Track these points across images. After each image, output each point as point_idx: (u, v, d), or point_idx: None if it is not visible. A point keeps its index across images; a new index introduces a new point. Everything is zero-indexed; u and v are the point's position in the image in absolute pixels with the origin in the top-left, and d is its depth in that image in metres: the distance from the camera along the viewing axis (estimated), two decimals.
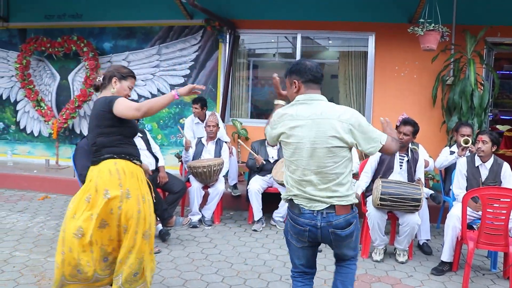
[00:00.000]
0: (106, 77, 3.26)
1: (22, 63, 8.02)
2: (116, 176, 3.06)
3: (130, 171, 3.13)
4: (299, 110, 2.61)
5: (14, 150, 8.50)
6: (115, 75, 3.24)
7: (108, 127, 3.11)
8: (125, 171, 3.10)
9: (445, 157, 5.31)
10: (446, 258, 4.25)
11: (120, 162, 3.11)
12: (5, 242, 4.74)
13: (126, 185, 3.07)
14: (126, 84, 3.28)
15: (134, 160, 3.19)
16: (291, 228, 2.76)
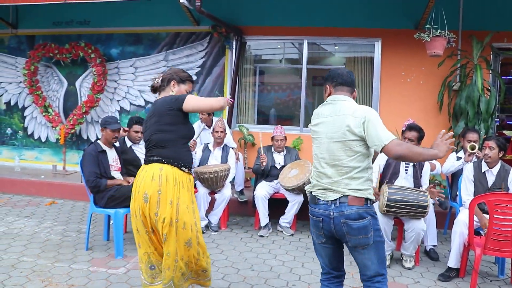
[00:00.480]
0: (165, 80, 3.28)
1: (30, 69, 8.09)
2: (158, 181, 3.08)
3: (174, 178, 3.12)
4: (324, 109, 2.88)
5: (21, 156, 8.56)
6: (174, 78, 3.27)
7: (168, 124, 3.13)
8: (167, 178, 3.10)
9: (451, 163, 5.30)
10: (453, 264, 4.23)
11: (166, 168, 3.12)
12: (13, 247, 4.77)
13: (167, 192, 3.08)
14: (184, 87, 3.31)
15: (182, 167, 3.19)
16: (310, 223, 2.90)
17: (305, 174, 5.39)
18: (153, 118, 3.18)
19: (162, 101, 3.17)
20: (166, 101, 3.15)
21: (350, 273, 4.31)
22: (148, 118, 3.24)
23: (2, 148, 8.81)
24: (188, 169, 3.25)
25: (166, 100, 3.16)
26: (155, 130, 3.15)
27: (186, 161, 3.22)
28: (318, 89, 8.77)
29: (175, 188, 3.11)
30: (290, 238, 5.44)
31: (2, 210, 6.27)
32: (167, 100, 3.15)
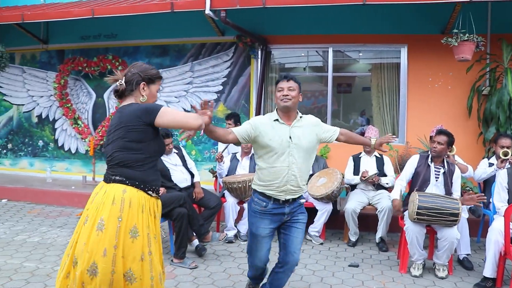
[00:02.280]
0: (131, 82, 2.72)
1: (60, 83, 8.30)
2: (119, 206, 2.57)
3: (140, 203, 2.64)
4: None
5: (53, 167, 8.76)
6: (143, 79, 2.74)
7: (135, 142, 2.63)
8: (131, 203, 2.60)
9: (483, 170, 5.20)
10: (489, 274, 4.12)
11: (131, 190, 2.63)
12: (47, 256, 4.87)
13: (130, 220, 2.58)
14: (155, 88, 2.81)
15: (148, 191, 2.69)
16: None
17: (333, 182, 5.36)
18: (118, 131, 2.65)
19: (130, 111, 2.64)
20: (135, 112, 2.61)
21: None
22: (112, 129, 2.70)
23: (34, 160, 9.03)
24: (156, 193, 2.75)
25: (135, 111, 2.62)
26: (120, 147, 2.64)
27: (153, 183, 2.72)
28: (343, 96, 8.75)
29: (142, 215, 2.63)
30: (319, 247, 5.41)
31: (36, 220, 6.41)
32: (136, 111, 2.62)
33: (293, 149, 3.24)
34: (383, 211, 5.21)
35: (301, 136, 3.29)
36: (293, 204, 3.35)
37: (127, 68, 2.78)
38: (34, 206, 7.28)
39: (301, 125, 3.35)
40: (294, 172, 3.25)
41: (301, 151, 3.27)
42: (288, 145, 3.24)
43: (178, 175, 5.38)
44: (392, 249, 5.30)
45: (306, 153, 3.30)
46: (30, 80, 8.95)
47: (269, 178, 3.28)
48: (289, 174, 3.24)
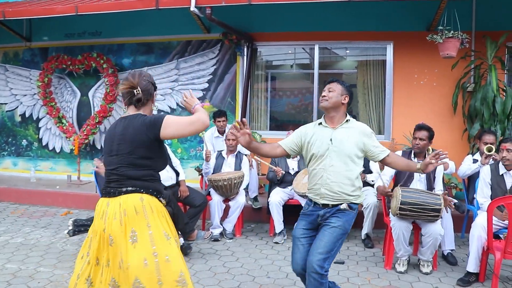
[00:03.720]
0: (148, 91, 2.69)
1: (44, 81, 8.19)
2: (143, 214, 2.54)
3: (158, 209, 2.62)
4: None
5: (37, 167, 8.65)
6: (155, 89, 2.78)
7: (144, 159, 2.58)
8: (152, 209, 2.58)
9: (468, 166, 5.23)
10: (473, 269, 4.14)
11: (147, 197, 2.59)
12: (30, 257, 4.80)
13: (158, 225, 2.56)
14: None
15: (160, 198, 2.68)
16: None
17: None
18: (124, 144, 2.58)
19: (137, 126, 2.56)
20: (142, 127, 2.55)
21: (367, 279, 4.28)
22: (116, 139, 2.63)
23: (17, 159, 8.91)
24: (164, 200, 2.74)
25: (141, 126, 2.55)
26: (128, 164, 2.57)
27: (163, 193, 2.73)
28: None
29: (163, 220, 2.63)
30: None
31: (19, 221, 6.33)
32: (141, 125, 2.55)
33: (332, 152, 3.16)
34: (368, 207, 5.22)
35: (343, 140, 3.17)
36: (331, 209, 3.16)
37: (136, 76, 2.69)
38: (18, 207, 7.19)
39: (346, 129, 3.24)
40: (329, 176, 3.14)
41: (342, 155, 3.15)
42: (327, 148, 3.17)
43: (163, 173, 5.29)
44: (378, 245, 5.30)
45: (347, 158, 3.15)
46: (13, 79, 8.83)
47: (310, 181, 3.26)
48: (324, 178, 3.16)
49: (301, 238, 3.22)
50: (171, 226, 2.68)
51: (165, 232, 2.56)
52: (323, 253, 3.03)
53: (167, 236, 2.56)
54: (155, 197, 2.63)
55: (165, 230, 2.58)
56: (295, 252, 3.24)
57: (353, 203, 3.19)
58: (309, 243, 3.18)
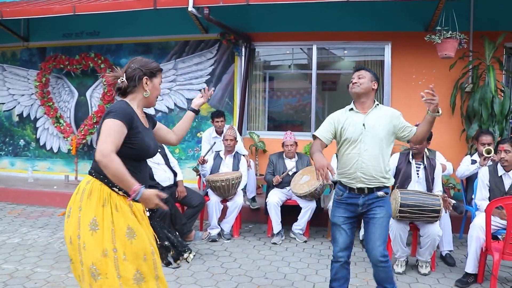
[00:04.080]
0: (133, 77, 2.59)
1: (42, 81, 8.17)
2: (80, 196, 2.47)
3: (101, 197, 2.45)
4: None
5: (34, 167, 8.62)
6: (145, 74, 2.61)
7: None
8: (90, 194, 2.45)
9: (466, 167, 5.22)
10: (471, 270, 4.14)
11: (94, 182, 2.48)
12: (27, 258, 4.78)
13: (88, 211, 2.42)
14: (157, 81, 2.70)
15: (114, 187, 2.46)
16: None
17: (316, 180, 5.34)
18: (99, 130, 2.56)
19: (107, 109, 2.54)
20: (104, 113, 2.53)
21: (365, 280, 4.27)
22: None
23: (15, 159, 8.89)
24: (124, 193, 2.48)
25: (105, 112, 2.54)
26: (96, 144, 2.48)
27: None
28: (328, 94, 8.74)
29: (105, 209, 2.44)
30: (303, 245, 5.39)
31: (17, 221, 6.30)
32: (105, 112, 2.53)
33: (366, 136, 3.27)
34: None
35: (376, 124, 3.28)
36: (368, 195, 3.30)
37: (126, 65, 2.67)
38: (15, 207, 7.17)
39: (377, 113, 3.35)
40: (364, 159, 3.26)
41: (376, 138, 3.27)
42: (361, 132, 3.28)
43: (160, 173, 5.33)
44: None
45: (381, 141, 3.28)
46: (10, 79, 8.80)
47: (343, 165, 3.37)
48: (359, 162, 3.27)
49: (343, 225, 3.37)
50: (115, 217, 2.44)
51: (94, 221, 2.41)
52: (381, 244, 3.25)
53: (95, 226, 2.40)
54: (106, 185, 2.46)
55: (98, 219, 2.41)
56: (337, 238, 3.40)
57: (386, 187, 3.33)
58: (350, 229, 3.38)
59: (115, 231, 2.42)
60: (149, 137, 2.64)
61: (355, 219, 3.40)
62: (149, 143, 2.62)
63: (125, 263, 2.42)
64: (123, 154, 2.43)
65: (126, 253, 2.42)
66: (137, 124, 2.54)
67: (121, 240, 2.42)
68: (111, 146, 2.36)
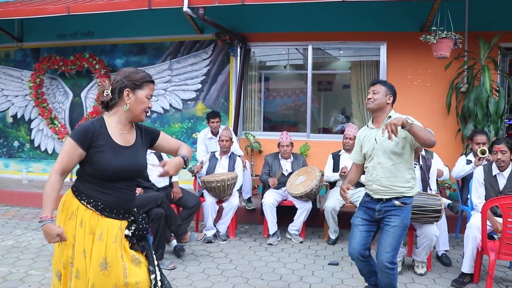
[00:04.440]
0: (115, 90, 2.45)
1: (36, 82, 8.12)
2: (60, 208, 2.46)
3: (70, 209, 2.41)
4: None
5: (28, 168, 8.57)
6: (126, 86, 2.44)
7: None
8: (62, 205, 2.44)
9: (461, 167, 5.22)
10: (467, 270, 4.14)
11: (68, 194, 2.47)
12: (21, 260, 4.74)
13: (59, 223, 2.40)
14: (143, 93, 2.47)
15: (82, 201, 2.40)
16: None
17: (312, 180, 5.33)
18: None
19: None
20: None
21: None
22: None
23: (9, 161, 8.83)
24: (93, 207, 2.40)
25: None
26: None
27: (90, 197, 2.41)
28: (323, 94, 8.74)
29: (69, 222, 2.39)
30: (299, 245, 5.38)
31: (11, 223, 6.26)
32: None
33: (378, 150, 3.38)
34: None
35: (385, 137, 3.21)
36: (386, 203, 3.38)
37: (114, 76, 2.54)
38: (9, 208, 7.12)
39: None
40: (379, 172, 3.37)
41: (385, 152, 3.35)
42: (373, 147, 3.41)
43: (156, 175, 5.29)
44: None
45: (392, 154, 3.34)
46: (4, 79, 8.75)
47: (366, 177, 3.53)
48: (374, 175, 3.40)
49: (359, 226, 3.51)
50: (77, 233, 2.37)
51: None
52: (390, 251, 3.33)
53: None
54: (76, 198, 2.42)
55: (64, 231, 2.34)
56: (353, 238, 3.54)
57: (407, 197, 3.36)
58: (366, 231, 3.50)
59: (76, 248, 2.36)
60: (124, 155, 2.45)
61: (372, 223, 3.49)
62: (120, 162, 2.42)
63: (77, 280, 2.36)
64: (87, 172, 2.42)
65: (80, 271, 2.36)
66: (100, 143, 2.39)
67: (78, 257, 2.37)
68: (57, 165, 2.37)
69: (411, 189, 3.39)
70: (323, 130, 8.20)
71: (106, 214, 2.43)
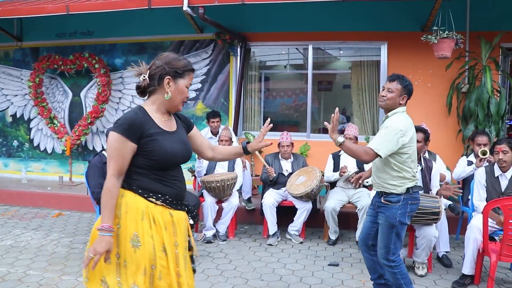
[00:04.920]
0: (154, 76, 2.32)
1: (35, 81, 8.09)
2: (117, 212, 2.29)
3: (139, 209, 2.28)
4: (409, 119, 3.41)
5: (28, 168, 8.55)
6: (167, 73, 2.32)
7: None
8: (127, 209, 2.27)
9: (462, 168, 5.20)
10: (468, 271, 4.11)
11: (128, 194, 2.30)
12: (20, 260, 4.72)
13: (129, 227, 2.26)
14: (184, 83, 2.36)
15: (150, 198, 2.30)
16: (411, 209, 3.41)
17: (312, 181, 5.31)
18: None
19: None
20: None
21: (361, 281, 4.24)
22: None
23: (8, 160, 8.81)
24: (163, 202, 2.32)
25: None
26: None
27: (160, 190, 2.32)
28: (324, 94, 8.71)
29: (143, 223, 2.26)
30: (299, 246, 5.36)
31: (10, 222, 6.24)
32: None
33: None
34: (363, 209, 5.16)
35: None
36: (377, 198, 3.51)
37: (153, 60, 2.40)
38: (9, 208, 7.10)
39: (382, 125, 3.48)
40: (373, 167, 3.56)
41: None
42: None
43: None
44: None
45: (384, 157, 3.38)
46: (3, 79, 8.71)
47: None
48: (373, 168, 3.58)
49: (367, 216, 3.68)
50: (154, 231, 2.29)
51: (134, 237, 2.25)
52: (382, 248, 3.44)
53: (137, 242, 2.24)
54: (141, 196, 2.29)
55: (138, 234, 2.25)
56: (363, 226, 3.75)
57: (393, 194, 3.39)
58: (371, 222, 3.62)
59: (156, 248, 2.27)
60: (173, 141, 2.36)
61: (376, 216, 3.55)
62: (173, 147, 2.33)
63: (160, 282, 2.29)
64: (141, 165, 2.28)
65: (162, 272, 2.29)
66: (151, 132, 2.28)
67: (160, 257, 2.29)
68: (112, 168, 2.23)
69: (397, 188, 3.38)
70: (323, 130, 8.15)
71: (174, 206, 2.36)
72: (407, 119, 3.44)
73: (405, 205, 3.38)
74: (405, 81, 3.44)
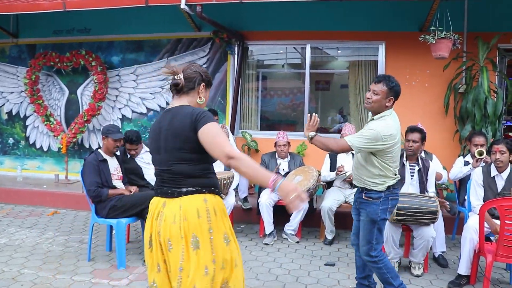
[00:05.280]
0: (191, 79, 2.47)
1: (31, 79, 8.05)
2: (206, 218, 2.33)
3: (221, 208, 2.44)
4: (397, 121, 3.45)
5: (23, 165, 8.51)
6: (203, 81, 2.51)
7: (196, 153, 2.36)
8: (215, 211, 2.38)
9: (459, 169, 5.19)
10: (464, 271, 4.11)
11: (210, 198, 2.40)
12: (14, 259, 4.69)
13: (220, 229, 2.38)
14: (208, 93, 2.62)
15: (221, 194, 2.52)
16: (392, 204, 3.46)
17: (309, 180, 5.30)
18: (171, 138, 2.38)
19: (183, 117, 2.35)
20: (186, 117, 2.34)
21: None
22: (163, 134, 2.43)
23: (4, 158, 8.76)
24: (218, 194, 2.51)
25: (186, 116, 2.35)
26: (180, 159, 2.37)
27: (218, 185, 2.54)
28: (321, 94, 8.70)
29: (225, 219, 2.45)
30: (295, 245, 5.35)
31: (4, 221, 6.20)
32: (187, 116, 2.34)
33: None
34: None
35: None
36: (358, 194, 3.59)
37: (184, 66, 2.53)
38: (3, 206, 7.06)
39: (366, 125, 3.50)
40: (355, 163, 3.61)
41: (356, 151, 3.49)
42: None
43: (151, 173, 5.24)
44: None
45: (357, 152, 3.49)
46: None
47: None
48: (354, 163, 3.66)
49: (354, 215, 3.74)
50: (229, 223, 2.48)
51: (225, 235, 2.39)
52: (364, 244, 3.48)
53: (227, 239, 2.40)
54: (217, 195, 2.45)
55: (226, 232, 2.41)
56: (353, 226, 3.76)
57: (373, 191, 3.42)
58: (357, 220, 3.66)
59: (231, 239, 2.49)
60: None
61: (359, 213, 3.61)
62: None
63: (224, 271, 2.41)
64: (204, 160, 2.39)
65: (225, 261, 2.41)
66: None
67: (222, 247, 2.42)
68: (231, 147, 2.27)
69: (378, 185, 3.41)
70: (320, 130, 8.16)
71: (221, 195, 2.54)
72: (394, 122, 3.41)
73: (386, 201, 3.42)
74: (391, 82, 3.36)
